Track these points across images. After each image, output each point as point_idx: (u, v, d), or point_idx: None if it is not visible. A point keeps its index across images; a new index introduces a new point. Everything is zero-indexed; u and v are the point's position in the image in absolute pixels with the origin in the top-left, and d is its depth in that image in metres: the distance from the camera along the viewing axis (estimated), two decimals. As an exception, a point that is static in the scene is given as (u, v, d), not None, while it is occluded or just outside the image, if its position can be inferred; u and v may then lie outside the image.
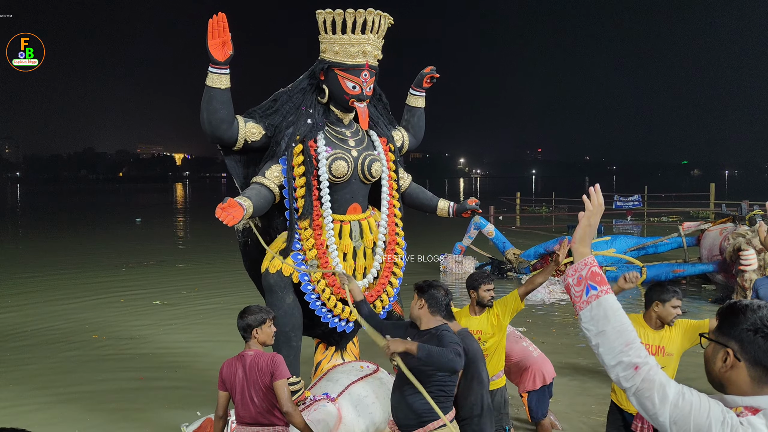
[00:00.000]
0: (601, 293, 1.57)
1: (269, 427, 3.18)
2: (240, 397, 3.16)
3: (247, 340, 3.24)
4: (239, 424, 3.24)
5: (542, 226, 20.06)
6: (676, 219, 20.45)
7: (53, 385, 5.75)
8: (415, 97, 4.93)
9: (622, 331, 1.52)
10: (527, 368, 4.40)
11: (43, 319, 8.46)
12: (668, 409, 1.42)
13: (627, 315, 1.57)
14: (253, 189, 3.99)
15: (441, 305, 3.04)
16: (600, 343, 1.54)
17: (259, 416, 3.15)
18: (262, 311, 3.29)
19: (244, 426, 3.20)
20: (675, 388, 1.44)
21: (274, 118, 4.15)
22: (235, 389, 3.17)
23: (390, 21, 4.19)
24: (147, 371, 6.15)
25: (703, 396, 1.44)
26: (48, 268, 13.03)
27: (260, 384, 3.12)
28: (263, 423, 3.16)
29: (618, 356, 1.50)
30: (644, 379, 1.45)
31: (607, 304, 1.55)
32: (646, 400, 1.45)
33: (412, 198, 4.86)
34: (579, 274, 1.62)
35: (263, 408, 3.14)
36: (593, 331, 1.55)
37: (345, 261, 4.19)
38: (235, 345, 6.93)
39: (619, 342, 1.51)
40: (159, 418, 4.92)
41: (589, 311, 1.57)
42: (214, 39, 3.73)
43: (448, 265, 11.85)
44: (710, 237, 10.13)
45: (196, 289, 10.50)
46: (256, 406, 3.14)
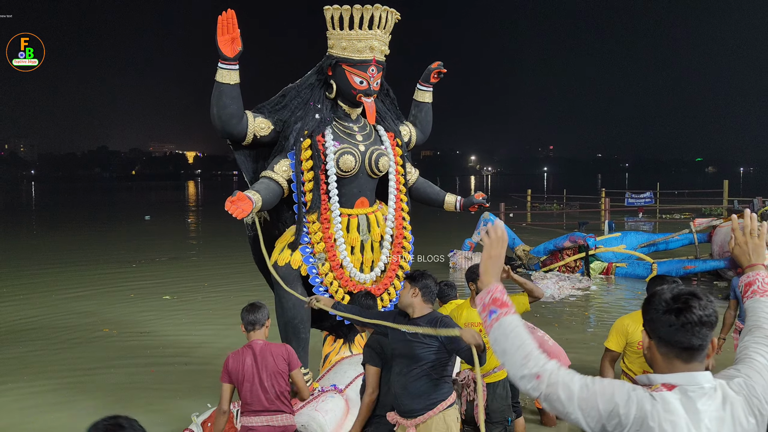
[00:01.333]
0: (500, 315, 1.62)
1: (278, 414, 3.24)
2: (249, 386, 3.22)
3: (252, 331, 3.32)
4: (248, 414, 3.28)
5: (553, 223, 19.99)
6: (689, 216, 20.32)
7: (65, 378, 5.86)
8: (422, 93, 4.97)
9: (520, 345, 1.56)
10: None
11: (54, 313, 8.58)
12: (576, 403, 1.47)
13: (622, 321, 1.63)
14: (262, 183, 4.05)
15: (433, 294, 3.13)
16: (505, 361, 1.59)
17: (269, 403, 3.21)
18: (266, 307, 3.42)
19: (252, 415, 3.25)
20: (579, 382, 1.49)
21: (282, 113, 4.21)
22: (243, 378, 3.23)
23: (397, 16, 4.23)
24: (158, 364, 6.25)
25: (609, 381, 1.50)
26: (60, 263, 13.21)
27: (274, 369, 3.21)
28: (272, 410, 3.22)
29: (520, 370, 1.54)
30: (548, 384, 1.50)
31: (505, 323, 1.61)
32: (555, 402, 1.49)
33: (420, 192, 4.90)
34: (483, 302, 1.68)
35: (273, 394, 3.21)
36: (498, 351, 1.61)
37: (352, 254, 4.24)
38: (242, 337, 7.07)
39: (518, 356, 1.56)
40: (170, 410, 5.00)
41: (493, 333, 1.63)
42: (223, 35, 3.80)
43: (457, 261, 11.86)
44: (722, 233, 10.08)
45: (205, 284, 10.60)
46: (267, 393, 3.21)
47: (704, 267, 10.05)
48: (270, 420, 3.24)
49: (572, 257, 10.81)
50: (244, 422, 3.29)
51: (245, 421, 3.28)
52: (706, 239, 10.77)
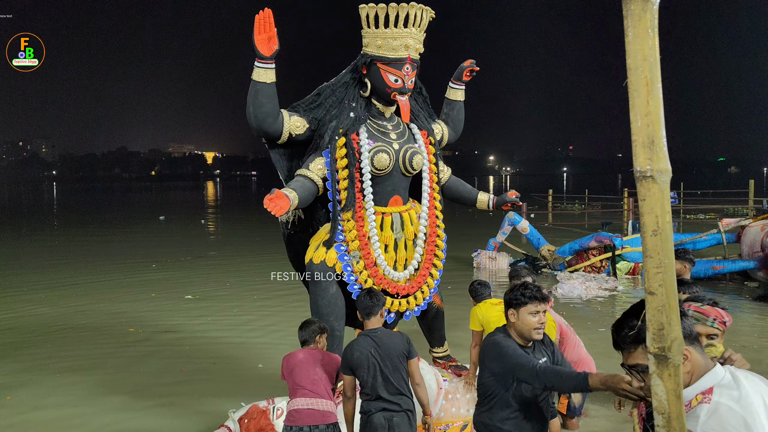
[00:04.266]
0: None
1: (320, 399, 3.41)
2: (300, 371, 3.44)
3: (307, 346, 3.59)
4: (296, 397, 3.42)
5: (575, 223, 19.84)
6: (714, 216, 20.05)
7: (96, 378, 5.89)
8: (454, 91, 4.96)
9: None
10: (577, 364, 4.38)
11: (78, 313, 8.62)
12: None
13: None
14: (298, 181, 4.07)
15: None
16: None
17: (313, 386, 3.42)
18: (318, 323, 3.65)
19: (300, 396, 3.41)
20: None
21: (317, 111, 4.23)
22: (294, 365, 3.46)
23: (431, 14, 4.22)
24: (187, 364, 6.26)
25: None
26: (81, 263, 13.28)
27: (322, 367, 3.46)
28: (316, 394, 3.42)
29: None
30: None
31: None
32: None
33: (452, 191, 4.89)
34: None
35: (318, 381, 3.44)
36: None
37: (386, 252, 4.24)
38: (270, 336, 7.10)
39: None
40: (205, 407, 5.03)
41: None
42: (260, 34, 3.83)
43: (481, 261, 11.82)
44: (751, 233, 9.91)
45: (228, 284, 10.65)
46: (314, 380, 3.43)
47: (733, 267, 9.89)
48: (313, 404, 3.36)
49: (598, 257, 10.71)
50: (291, 406, 3.43)
51: (292, 405, 3.43)
52: (735, 239, 10.60)
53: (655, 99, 1.23)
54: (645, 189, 1.25)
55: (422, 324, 4.83)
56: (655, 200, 1.25)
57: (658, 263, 1.27)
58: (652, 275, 1.29)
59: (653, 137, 1.23)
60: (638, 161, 1.25)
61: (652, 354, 1.32)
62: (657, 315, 1.28)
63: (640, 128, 1.24)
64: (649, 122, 1.23)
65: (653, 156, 1.23)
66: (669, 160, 1.25)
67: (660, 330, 1.29)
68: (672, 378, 1.32)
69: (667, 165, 1.25)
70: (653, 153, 1.23)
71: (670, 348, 1.29)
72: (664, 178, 1.25)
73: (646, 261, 1.30)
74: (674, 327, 1.29)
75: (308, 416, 3.33)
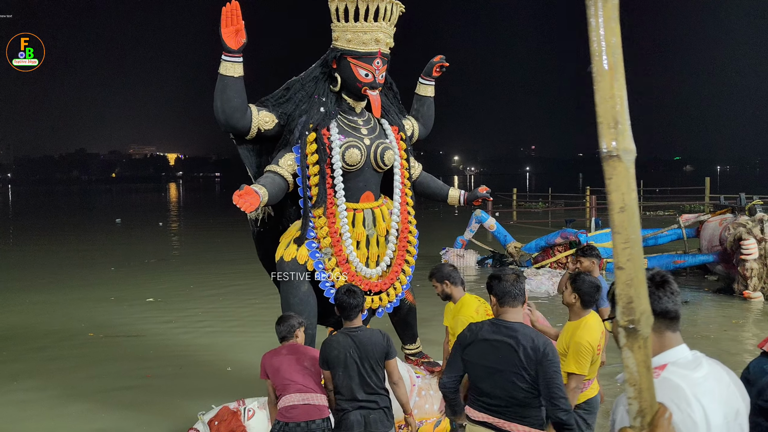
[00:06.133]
0: None
1: (314, 394, 3.35)
2: (287, 368, 3.36)
3: (287, 342, 3.49)
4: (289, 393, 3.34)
5: (540, 221, 20.13)
6: (673, 213, 20.56)
7: (56, 383, 5.69)
8: (424, 87, 4.94)
9: None
10: None
11: (32, 318, 8.33)
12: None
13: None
14: (267, 177, 3.99)
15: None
16: None
17: (305, 381, 3.36)
18: (297, 317, 3.58)
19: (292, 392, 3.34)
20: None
21: (287, 106, 4.15)
22: (279, 365, 3.37)
23: (402, 9, 4.20)
24: (152, 368, 6.08)
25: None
26: (36, 268, 12.84)
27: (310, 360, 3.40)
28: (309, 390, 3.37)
29: None
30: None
31: None
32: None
33: (423, 187, 4.87)
34: None
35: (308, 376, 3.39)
36: None
37: (358, 249, 4.20)
38: (237, 338, 6.97)
39: None
40: (173, 410, 4.91)
41: None
42: (227, 27, 3.74)
43: (449, 258, 11.87)
44: (710, 228, 10.18)
45: (191, 286, 10.42)
46: (303, 374, 3.38)
47: (693, 261, 10.15)
48: (308, 399, 3.31)
49: (564, 253, 10.85)
50: (284, 402, 3.34)
51: (285, 401, 3.34)
52: (694, 234, 10.88)
53: (619, 82, 1.26)
54: (611, 168, 1.26)
55: (395, 321, 4.79)
56: (621, 178, 1.27)
57: (626, 239, 1.30)
58: (620, 250, 1.30)
59: (618, 118, 1.25)
60: (604, 142, 1.26)
61: (622, 327, 1.34)
62: (626, 289, 1.31)
63: (606, 110, 1.26)
64: (614, 104, 1.25)
65: (618, 136, 1.25)
66: (632, 140, 1.27)
67: (629, 303, 1.31)
68: (641, 350, 1.34)
69: (631, 145, 1.27)
70: (618, 133, 1.25)
71: (639, 321, 1.31)
72: (629, 157, 1.27)
73: (614, 237, 1.31)
74: (642, 300, 1.31)
75: (304, 411, 3.26)
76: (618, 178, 1.27)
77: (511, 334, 2.61)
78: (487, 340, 2.65)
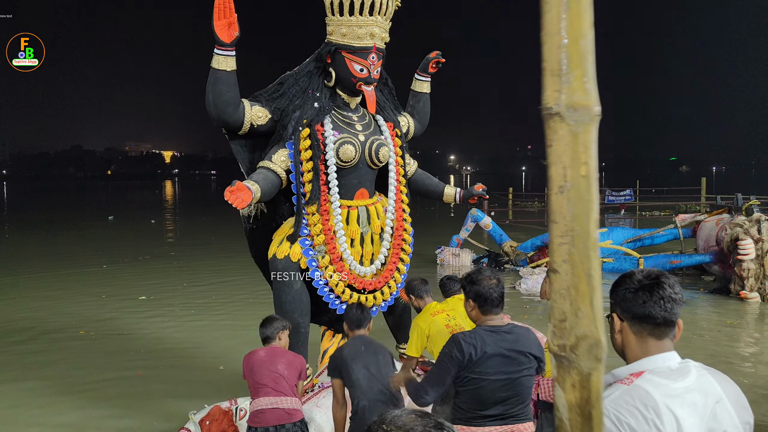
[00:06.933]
0: None
1: (285, 397, 3.30)
2: (260, 371, 3.31)
3: (269, 343, 3.45)
4: (259, 397, 3.29)
5: (535, 220, 20.12)
6: (669, 213, 20.59)
7: (46, 380, 5.61)
8: (420, 83, 4.88)
9: None
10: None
11: (22, 314, 8.21)
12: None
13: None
14: (260, 173, 3.93)
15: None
16: None
17: (275, 385, 3.30)
18: (281, 320, 3.53)
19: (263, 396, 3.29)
20: None
21: (280, 101, 4.09)
22: (253, 365, 3.33)
23: (397, 3, 4.14)
24: (143, 367, 6.00)
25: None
26: (27, 263, 12.66)
27: (285, 366, 3.34)
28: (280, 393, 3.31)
29: None
30: None
31: None
32: None
33: (418, 184, 4.82)
34: None
35: (281, 380, 3.32)
36: None
37: (352, 247, 4.14)
38: (230, 337, 6.90)
39: None
40: (164, 409, 4.83)
41: None
42: (219, 20, 3.68)
43: (444, 257, 11.82)
44: (706, 228, 10.15)
45: (184, 284, 10.31)
46: (275, 378, 3.31)
47: (690, 261, 10.12)
48: (277, 403, 3.25)
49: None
50: (254, 406, 3.29)
51: (255, 405, 3.29)
52: (691, 234, 10.86)
53: (573, 12, 0.90)
54: (551, 131, 0.92)
55: (389, 320, 4.74)
56: (563, 146, 0.91)
57: (564, 230, 0.93)
58: (556, 246, 0.94)
59: (565, 61, 0.90)
60: (545, 95, 0.92)
61: (552, 353, 0.97)
62: (559, 300, 0.93)
63: (551, 50, 0.90)
64: (560, 42, 0.90)
65: (563, 87, 0.90)
66: (595, 96, 0.92)
67: (561, 321, 0.93)
68: (577, 390, 0.94)
69: (584, 100, 0.90)
70: (563, 83, 0.90)
71: (575, 348, 0.92)
72: (578, 118, 0.90)
73: (550, 227, 0.97)
74: (583, 320, 0.92)
75: (272, 416, 3.21)
76: (559, 146, 0.92)
77: (516, 339, 2.57)
78: (500, 353, 2.53)
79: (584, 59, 0.90)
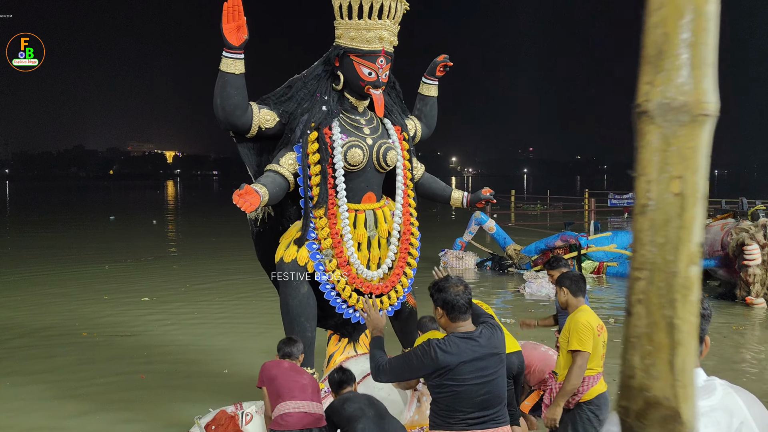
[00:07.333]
0: None
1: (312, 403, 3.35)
2: (284, 377, 3.39)
3: (290, 360, 3.58)
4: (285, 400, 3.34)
5: (538, 223, 20.09)
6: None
7: (50, 383, 5.59)
8: (428, 86, 4.87)
9: None
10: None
11: (25, 316, 8.19)
12: None
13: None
14: (268, 176, 3.91)
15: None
16: None
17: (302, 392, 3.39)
18: (301, 343, 3.69)
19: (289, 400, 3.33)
20: None
21: (288, 105, 4.07)
22: (278, 373, 3.42)
23: (406, 6, 4.13)
24: (146, 370, 5.96)
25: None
26: (29, 264, 12.62)
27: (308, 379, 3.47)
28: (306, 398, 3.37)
29: None
30: None
31: None
32: None
33: (425, 188, 4.80)
34: None
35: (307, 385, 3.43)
36: None
37: (359, 251, 4.12)
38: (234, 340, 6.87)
39: None
40: (169, 414, 4.81)
41: None
42: (228, 23, 3.67)
43: (448, 260, 11.79)
44: (711, 233, 10.10)
45: (186, 285, 10.29)
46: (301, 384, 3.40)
47: (694, 266, 10.08)
48: (303, 407, 3.28)
49: (564, 256, 10.79)
50: (279, 410, 3.31)
51: (280, 409, 3.31)
52: (695, 239, 10.82)
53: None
54: (639, 135, 0.75)
55: (395, 324, 4.71)
56: (649, 154, 0.73)
57: (641, 262, 0.76)
58: (632, 280, 0.76)
59: (664, 46, 0.70)
60: (640, 88, 0.75)
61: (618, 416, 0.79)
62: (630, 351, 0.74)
63: (648, 32, 0.72)
64: (660, 21, 0.70)
65: (656, 77, 0.71)
66: (701, 90, 0.72)
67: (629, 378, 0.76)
68: None
69: (685, 96, 0.70)
70: (657, 73, 0.71)
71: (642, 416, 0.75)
72: (672, 117, 0.71)
73: (632, 255, 0.82)
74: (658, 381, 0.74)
75: (299, 420, 3.19)
76: (645, 153, 0.74)
77: (487, 342, 2.63)
78: (475, 358, 2.59)
79: (679, 44, 0.70)
